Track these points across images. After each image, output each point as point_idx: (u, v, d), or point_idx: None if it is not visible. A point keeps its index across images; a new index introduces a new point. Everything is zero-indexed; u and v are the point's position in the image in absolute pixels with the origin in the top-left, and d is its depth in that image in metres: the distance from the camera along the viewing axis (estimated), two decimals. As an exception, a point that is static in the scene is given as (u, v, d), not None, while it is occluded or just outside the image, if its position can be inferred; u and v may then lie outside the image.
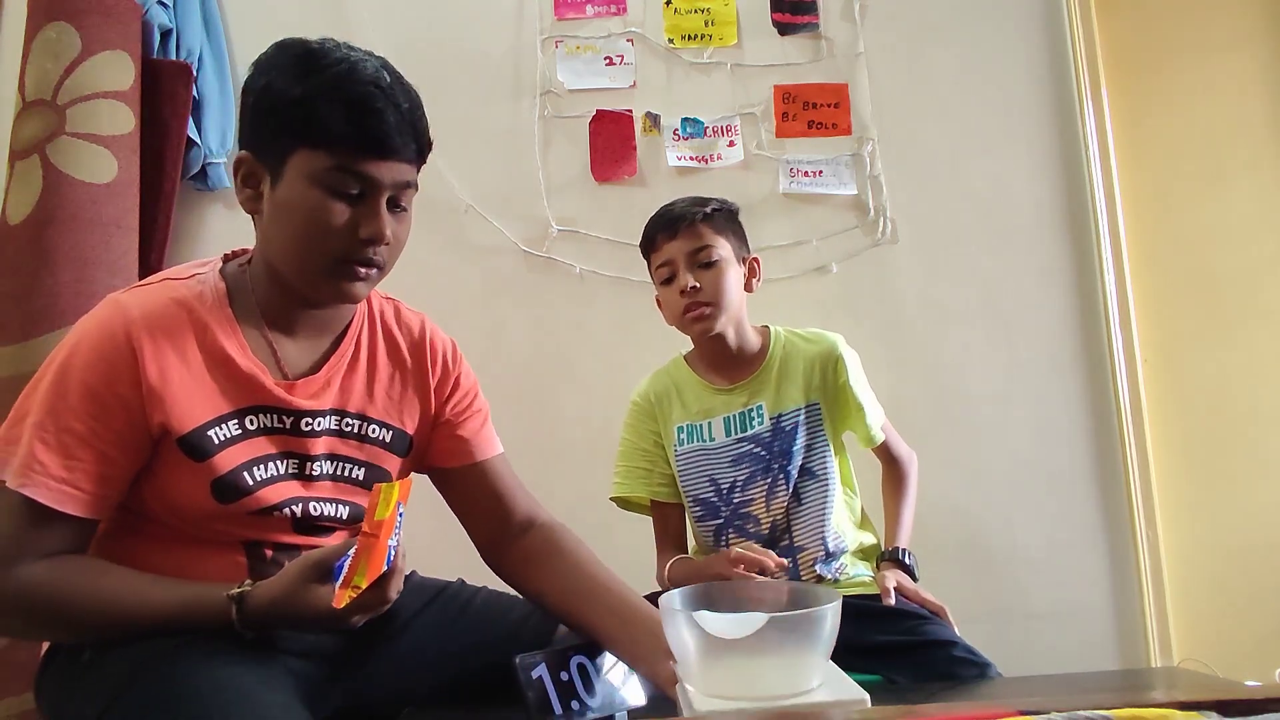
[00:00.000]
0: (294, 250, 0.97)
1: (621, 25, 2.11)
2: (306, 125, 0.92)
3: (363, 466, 1.09)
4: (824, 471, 1.49)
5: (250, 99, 0.98)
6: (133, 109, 1.83)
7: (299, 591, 0.90)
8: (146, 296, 0.97)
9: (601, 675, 0.94)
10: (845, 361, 1.50)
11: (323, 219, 0.94)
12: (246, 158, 0.98)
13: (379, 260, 0.98)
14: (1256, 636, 1.95)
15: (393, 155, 0.95)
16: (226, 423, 0.98)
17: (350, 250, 0.96)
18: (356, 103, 0.92)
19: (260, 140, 0.96)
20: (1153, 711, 0.68)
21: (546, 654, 0.89)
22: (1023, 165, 2.09)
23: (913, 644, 1.32)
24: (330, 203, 0.94)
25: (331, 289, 0.99)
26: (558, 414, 1.99)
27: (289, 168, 0.94)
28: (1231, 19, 2.17)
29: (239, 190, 0.99)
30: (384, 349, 1.12)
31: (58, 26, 1.79)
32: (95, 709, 0.88)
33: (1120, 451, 2.00)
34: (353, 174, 0.94)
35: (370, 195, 0.96)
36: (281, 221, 0.96)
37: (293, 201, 0.94)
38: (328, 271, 0.97)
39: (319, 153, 0.93)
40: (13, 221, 1.72)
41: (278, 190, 0.95)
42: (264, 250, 1.01)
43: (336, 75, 0.93)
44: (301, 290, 1.01)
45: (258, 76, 0.97)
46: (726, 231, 1.48)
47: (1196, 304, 2.08)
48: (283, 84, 0.94)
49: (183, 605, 0.93)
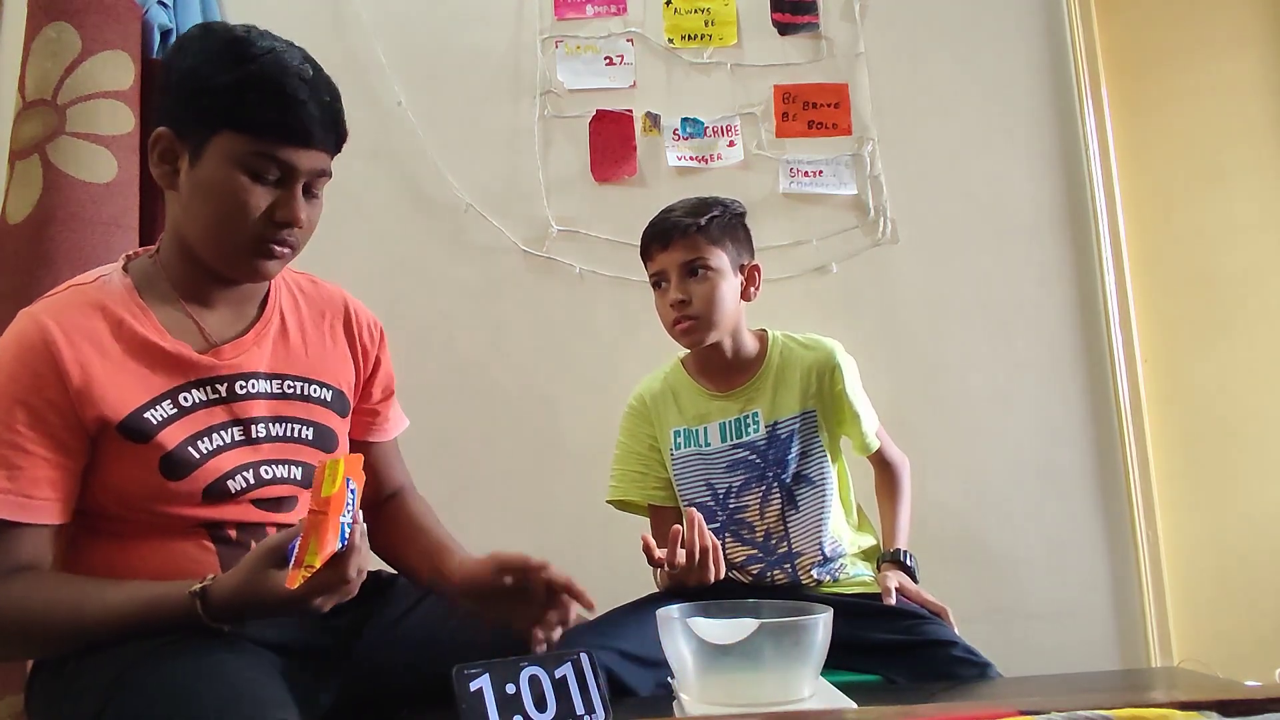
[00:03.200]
0: (212, 229, 1.00)
1: (621, 25, 2.11)
2: (233, 110, 0.95)
3: (310, 426, 1.10)
4: (820, 478, 1.48)
5: (174, 78, 1.00)
6: (133, 109, 1.83)
7: (257, 578, 0.89)
8: (55, 302, 1.00)
9: (563, 687, 0.89)
10: (842, 369, 1.49)
11: (242, 200, 0.97)
12: (166, 134, 1.00)
13: (292, 241, 1.02)
14: (1256, 636, 1.95)
15: (313, 145, 0.99)
16: (160, 404, 0.99)
17: (266, 231, 1.00)
18: (283, 94, 0.96)
19: (183, 120, 0.98)
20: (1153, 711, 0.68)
21: (492, 665, 0.84)
22: (1023, 165, 2.09)
23: (912, 643, 1.32)
24: (250, 185, 0.97)
25: (247, 266, 1.02)
26: (558, 414, 1.99)
27: (211, 148, 0.97)
28: (1231, 19, 2.17)
29: (155, 165, 1.01)
30: (309, 316, 1.15)
31: (58, 26, 1.79)
32: (88, 712, 0.88)
33: (1120, 451, 2.00)
34: (274, 160, 0.97)
35: (288, 181, 0.99)
36: (200, 200, 0.99)
37: (213, 181, 0.97)
38: (244, 250, 1.00)
39: (243, 137, 0.96)
40: (13, 221, 1.72)
41: (197, 169, 0.98)
42: (179, 228, 1.03)
43: (264, 65, 0.96)
44: (216, 266, 1.03)
45: (183, 57, 1.00)
46: (724, 240, 1.45)
47: (1196, 304, 2.08)
48: (210, 69, 0.96)
49: (147, 605, 0.92)
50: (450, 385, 1.96)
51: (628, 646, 1.16)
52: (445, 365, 1.98)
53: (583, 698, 0.89)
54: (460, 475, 1.92)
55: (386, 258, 1.99)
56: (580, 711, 0.88)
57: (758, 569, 1.49)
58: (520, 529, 1.94)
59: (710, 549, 1.26)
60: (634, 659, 1.16)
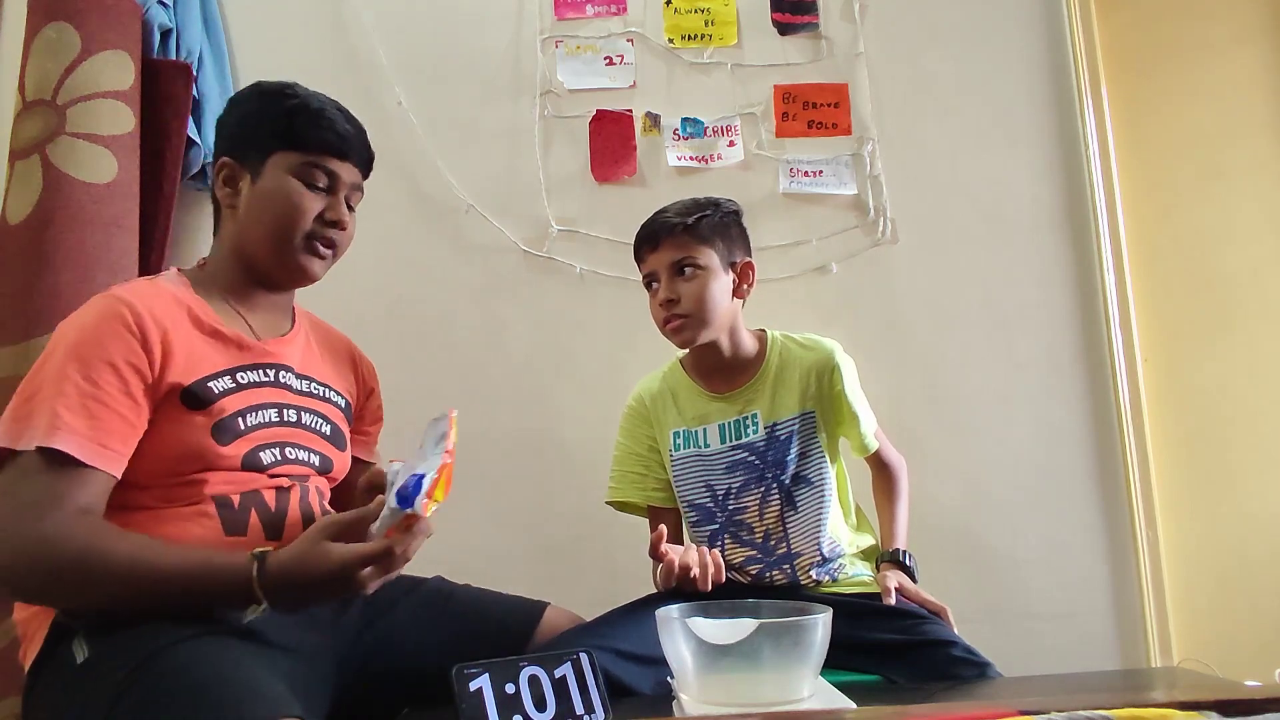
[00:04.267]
0: (271, 230, 1.17)
1: (621, 25, 2.11)
2: (286, 133, 1.17)
3: (327, 423, 1.24)
4: (819, 478, 1.48)
5: (234, 119, 1.22)
6: (133, 109, 1.83)
7: (316, 549, 0.95)
8: (125, 288, 1.11)
9: (563, 687, 0.90)
10: (841, 370, 1.49)
11: (297, 202, 1.17)
12: (229, 162, 1.20)
13: (337, 241, 1.21)
14: (1256, 636, 1.95)
15: (349, 157, 1.21)
16: (222, 377, 1.12)
17: (316, 230, 1.18)
18: (324, 116, 1.19)
19: (244, 148, 1.19)
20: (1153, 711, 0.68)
21: (492, 665, 0.85)
22: (1023, 165, 2.09)
23: (912, 643, 1.32)
24: (303, 190, 1.17)
25: (297, 264, 1.19)
26: (558, 414, 1.98)
27: (269, 165, 1.17)
28: (1231, 19, 2.16)
29: (219, 188, 1.21)
30: (322, 341, 1.33)
31: (58, 26, 1.79)
32: (99, 713, 0.87)
33: (1120, 451, 1.99)
34: (322, 169, 1.18)
35: (333, 189, 1.20)
36: (262, 208, 1.17)
37: (274, 190, 1.17)
38: (298, 249, 1.18)
39: (295, 152, 1.17)
40: (13, 221, 1.72)
41: (259, 185, 1.17)
42: (235, 239, 1.20)
43: (307, 99, 1.21)
44: (269, 268, 1.20)
45: (239, 105, 1.23)
46: (714, 239, 1.45)
47: (1196, 304, 2.08)
48: (265, 106, 1.20)
49: (202, 567, 0.96)
50: (450, 385, 1.96)
51: (627, 646, 1.17)
52: (445, 365, 1.98)
53: (582, 698, 0.89)
54: (460, 475, 1.91)
55: (387, 258, 1.99)
56: (580, 711, 0.88)
57: (757, 569, 1.49)
58: (520, 529, 1.94)
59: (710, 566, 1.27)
60: (633, 659, 1.16)
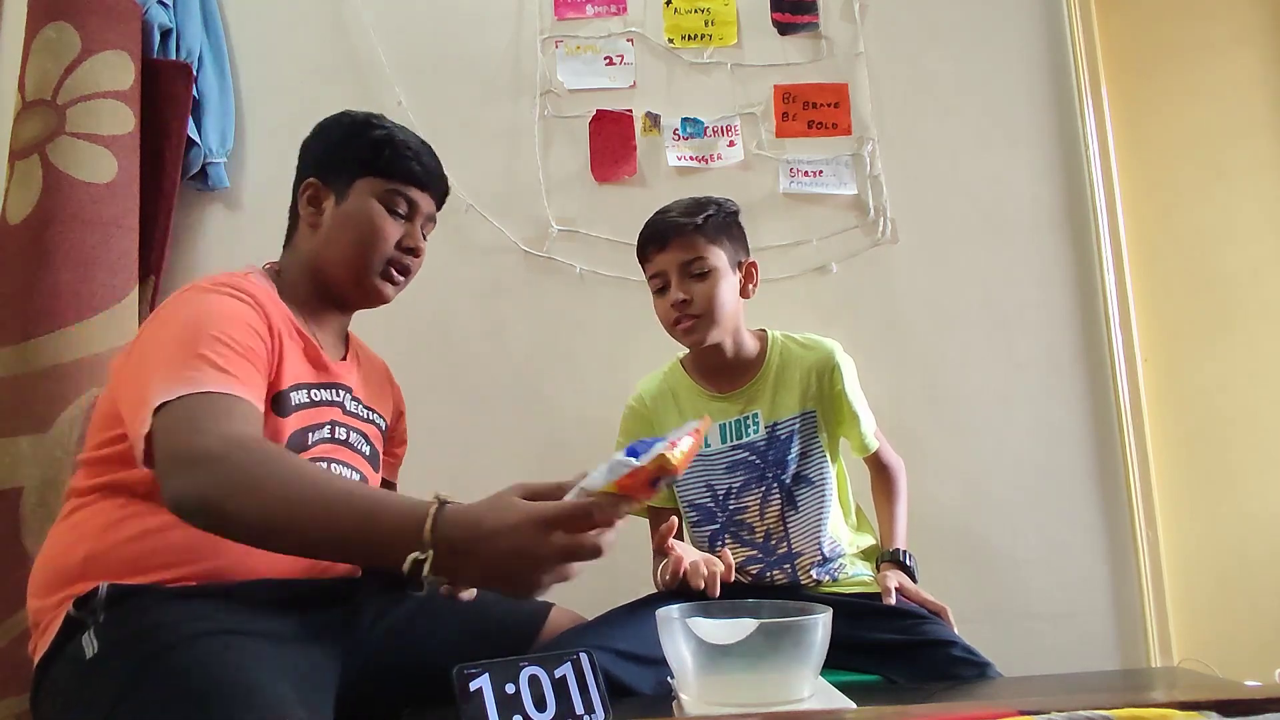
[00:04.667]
0: (352, 251, 1.22)
1: (621, 25, 2.11)
2: (374, 160, 1.22)
3: (368, 444, 1.28)
4: (820, 478, 1.48)
5: (322, 143, 1.27)
6: (133, 109, 1.83)
7: (499, 499, 0.83)
8: (244, 281, 1.15)
9: (563, 687, 0.89)
10: (841, 369, 1.49)
11: (379, 226, 1.22)
12: (314, 183, 1.24)
13: (411, 267, 1.27)
14: (1256, 636, 1.95)
15: (429, 189, 1.27)
16: (302, 390, 1.15)
17: (393, 255, 1.23)
18: (409, 148, 1.25)
19: (332, 170, 1.24)
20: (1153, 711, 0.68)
21: (492, 665, 0.84)
22: (1023, 165, 2.09)
23: (912, 643, 1.32)
24: (385, 215, 1.22)
25: (371, 284, 1.23)
26: (558, 414, 1.98)
27: (355, 189, 1.22)
28: (1231, 19, 2.17)
29: (303, 206, 1.25)
30: (365, 361, 1.37)
31: (58, 26, 1.79)
32: (102, 711, 0.88)
33: (1120, 451, 1.99)
34: (403, 197, 1.24)
35: (411, 217, 1.26)
36: (345, 228, 1.22)
37: (357, 213, 1.22)
38: (375, 270, 1.22)
39: (380, 179, 1.23)
40: (13, 221, 1.72)
41: (343, 206, 1.22)
42: (315, 258, 1.24)
43: (394, 131, 1.26)
44: (344, 288, 1.24)
45: (329, 130, 1.28)
46: (721, 239, 1.46)
47: (1196, 304, 2.08)
48: (355, 133, 1.25)
49: (379, 496, 0.90)
50: (450, 385, 1.96)
51: (627, 646, 1.16)
52: (445, 365, 1.98)
53: (582, 698, 0.89)
54: (460, 475, 1.91)
55: (386, 258, 1.99)
56: (580, 711, 0.88)
57: (757, 569, 1.49)
58: (520, 529, 1.94)
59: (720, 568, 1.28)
60: (633, 659, 1.16)
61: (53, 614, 1.00)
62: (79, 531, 1.05)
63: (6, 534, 1.57)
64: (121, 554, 1.01)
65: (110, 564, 1.01)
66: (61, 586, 1.01)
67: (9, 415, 1.63)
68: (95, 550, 1.02)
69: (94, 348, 1.68)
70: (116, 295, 1.74)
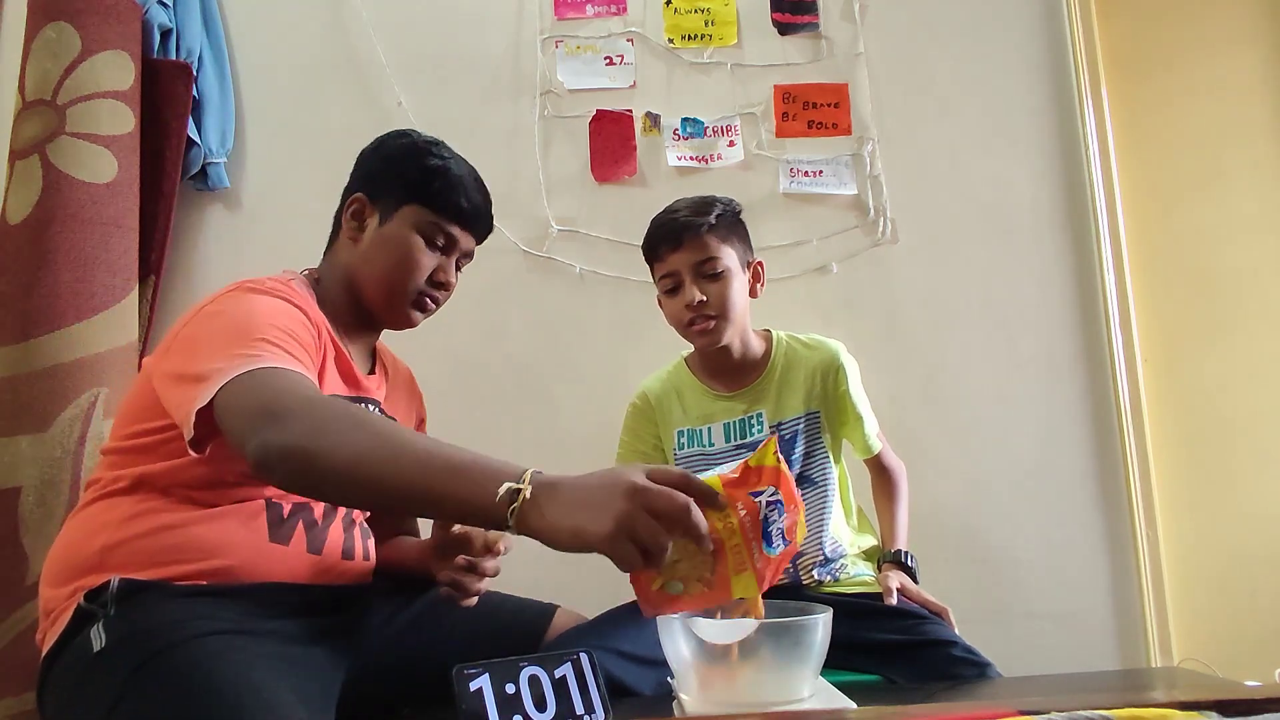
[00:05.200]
0: (386, 274, 1.22)
1: (621, 25, 2.11)
2: (424, 189, 1.22)
3: None
4: (823, 479, 1.48)
5: (377, 159, 1.27)
6: (133, 109, 1.83)
7: (616, 469, 0.82)
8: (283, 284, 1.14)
9: (563, 687, 0.88)
10: (846, 370, 1.49)
11: (416, 256, 1.22)
12: (361, 198, 1.24)
13: (440, 300, 1.27)
14: (1256, 636, 1.95)
15: (471, 228, 1.26)
16: None
17: (425, 287, 1.24)
18: (463, 185, 1.25)
19: (381, 189, 1.24)
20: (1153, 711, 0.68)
21: (492, 665, 0.84)
22: (1023, 165, 2.09)
23: (912, 643, 1.32)
24: (423, 246, 1.22)
25: (402, 311, 1.24)
26: (558, 414, 1.98)
27: (399, 214, 1.22)
28: (1231, 19, 2.16)
29: (347, 220, 1.25)
30: (393, 377, 1.36)
31: (58, 26, 1.79)
32: (104, 705, 0.88)
33: (1120, 451, 1.99)
34: (444, 232, 1.23)
35: (449, 251, 1.25)
36: (383, 250, 1.22)
37: (397, 238, 1.22)
38: (406, 296, 1.23)
39: (426, 210, 1.22)
40: (13, 221, 1.72)
41: (385, 228, 1.22)
42: (351, 272, 1.24)
43: (452, 164, 1.25)
44: (375, 308, 1.24)
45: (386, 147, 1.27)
46: (731, 238, 1.46)
47: (1196, 304, 2.08)
48: (413, 157, 1.24)
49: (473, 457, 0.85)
50: (450, 385, 1.96)
51: (628, 646, 1.17)
52: (445, 365, 1.97)
53: (582, 698, 0.89)
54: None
55: (386, 258, 1.99)
56: (580, 711, 0.88)
57: (758, 569, 1.49)
58: (520, 529, 1.94)
59: None
60: (634, 659, 1.16)
61: (64, 604, 1.01)
62: (97, 522, 1.05)
63: (5, 534, 1.57)
64: (137, 547, 1.01)
65: (125, 557, 1.01)
66: (75, 577, 1.01)
67: (9, 415, 1.63)
68: (111, 542, 1.02)
69: (94, 348, 1.68)
70: (116, 295, 1.74)
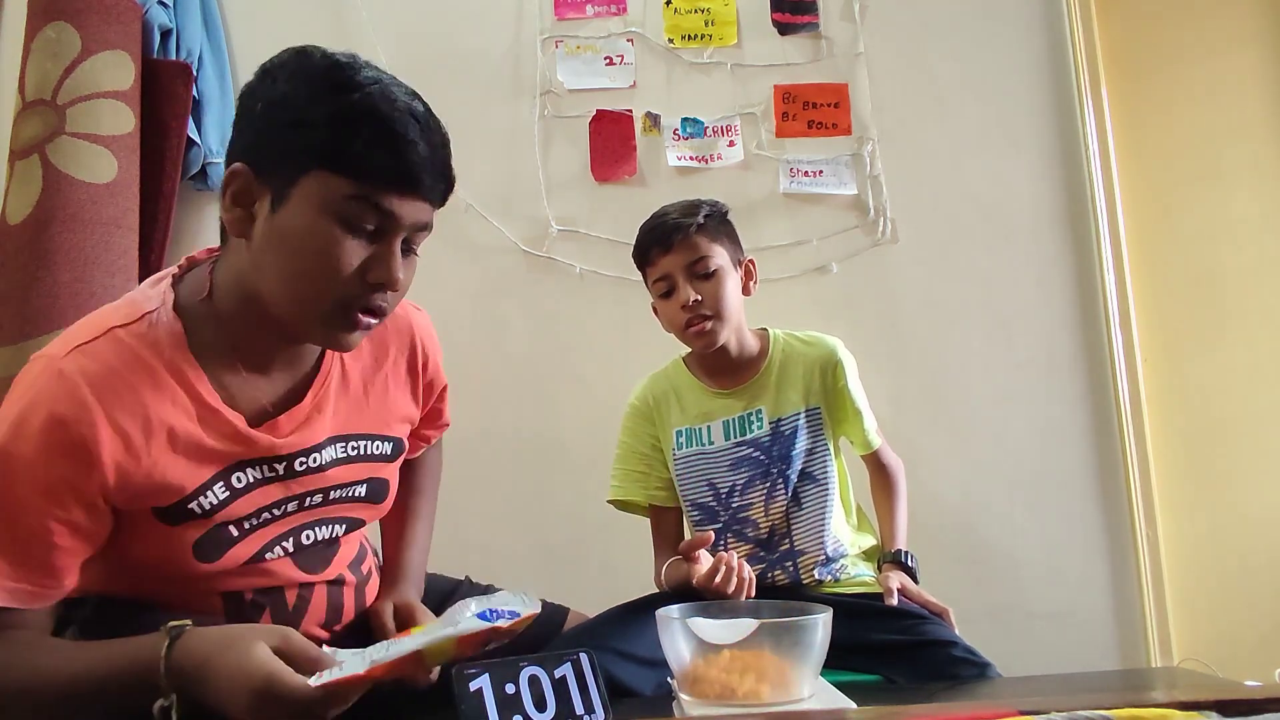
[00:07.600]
0: (290, 286, 0.85)
1: (621, 25, 2.11)
2: (329, 146, 0.81)
3: (364, 484, 1.04)
4: (824, 475, 1.48)
5: (258, 106, 0.85)
6: (133, 109, 1.83)
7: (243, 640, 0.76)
8: (93, 358, 0.83)
9: (563, 687, 0.88)
10: (844, 366, 1.49)
11: (331, 254, 0.83)
12: (243, 171, 0.85)
13: (383, 307, 0.88)
14: (1256, 636, 1.95)
15: (419, 193, 0.86)
16: (211, 488, 0.89)
17: (354, 295, 0.86)
18: (391, 130, 0.82)
19: (267, 155, 0.84)
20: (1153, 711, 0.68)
21: (492, 665, 0.84)
22: (1023, 165, 2.09)
23: (913, 643, 1.32)
24: (342, 236, 0.83)
25: (323, 335, 0.89)
26: (558, 414, 1.99)
27: (298, 190, 0.83)
28: (1231, 19, 2.17)
29: (226, 209, 0.86)
30: (370, 357, 1.04)
31: (58, 26, 1.79)
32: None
33: (1120, 451, 1.99)
34: (373, 207, 0.84)
35: (386, 233, 0.86)
36: (279, 252, 0.84)
37: (298, 230, 0.83)
38: (325, 315, 0.86)
39: (339, 178, 0.82)
40: (12, 221, 1.72)
41: (279, 214, 0.84)
42: (247, 280, 0.88)
43: (370, 96, 0.82)
44: (288, 329, 0.89)
45: (273, 83, 0.85)
46: (721, 238, 1.46)
47: (1196, 304, 2.08)
48: (305, 98, 0.82)
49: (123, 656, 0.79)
50: (450, 385, 1.96)
51: (627, 646, 1.16)
52: (445, 365, 1.96)
53: (582, 698, 0.89)
54: (460, 475, 1.91)
55: (386, 258, 1.99)
56: (580, 711, 0.88)
57: (759, 569, 1.48)
58: (520, 529, 1.94)
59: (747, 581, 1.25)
60: (633, 659, 1.16)
61: None
62: None
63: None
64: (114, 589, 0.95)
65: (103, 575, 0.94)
66: None
67: (9, 415, 1.62)
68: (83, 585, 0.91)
69: (94, 348, 1.68)
70: (116, 295, 1.71)
